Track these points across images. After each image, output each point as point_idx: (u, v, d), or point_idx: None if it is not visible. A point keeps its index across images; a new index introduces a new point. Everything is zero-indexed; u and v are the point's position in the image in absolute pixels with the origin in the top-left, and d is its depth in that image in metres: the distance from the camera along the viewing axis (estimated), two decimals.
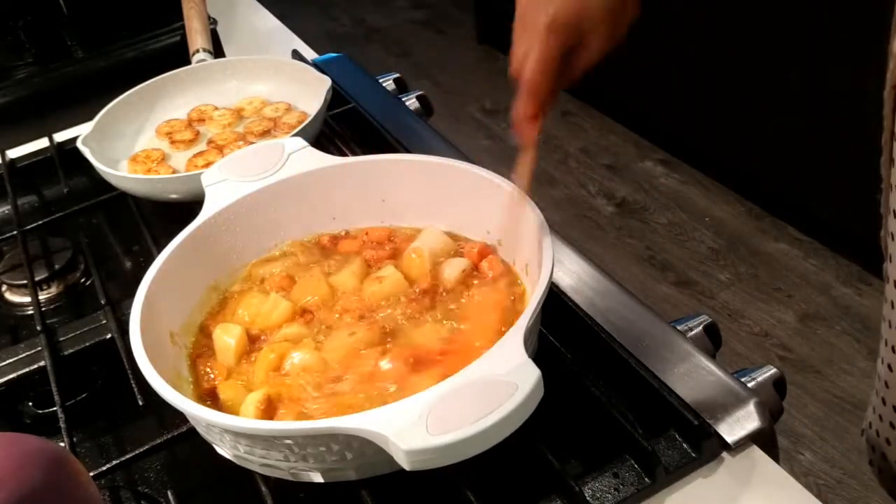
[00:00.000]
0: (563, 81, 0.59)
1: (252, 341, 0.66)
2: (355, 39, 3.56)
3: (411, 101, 1.10)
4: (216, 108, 1.05)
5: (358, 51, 3.35)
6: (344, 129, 1.01)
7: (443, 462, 0.47)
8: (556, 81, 0.58)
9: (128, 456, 0.63)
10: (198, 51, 1.10)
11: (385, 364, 0.60)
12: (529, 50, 0.57)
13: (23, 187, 1.05)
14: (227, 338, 0.65)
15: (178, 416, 0.60)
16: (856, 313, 2.00)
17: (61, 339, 0.75)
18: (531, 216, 0.64)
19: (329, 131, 1.00)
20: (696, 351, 0.67)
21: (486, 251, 0.70)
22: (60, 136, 1.09)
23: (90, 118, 0.98)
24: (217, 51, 1.18)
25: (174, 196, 0.88)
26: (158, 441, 0.63)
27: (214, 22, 1.18)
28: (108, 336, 0.75)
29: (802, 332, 1.98)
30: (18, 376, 0.73)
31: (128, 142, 1.02)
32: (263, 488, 0.59)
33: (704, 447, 0.59)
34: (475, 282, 0.68)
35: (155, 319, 0.62)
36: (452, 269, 0.68)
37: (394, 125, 0.98)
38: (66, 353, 0.74)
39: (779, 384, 0.67)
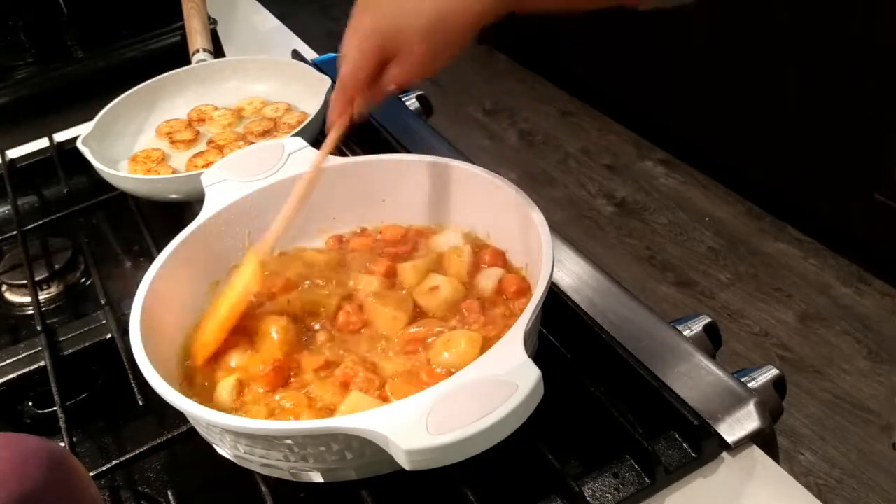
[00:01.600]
0: (377, 87, 0.63)
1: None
2: None
3: (411, 101, 1.10)
4: (216, 108, 1.05)
5: None
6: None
7: (443, 462, 0.47)
8: (368, 83, 0.63)
9: (128, 456, 0.63)
10: (198, 51, 1.10)
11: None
12: (349, 51, 0.62)
13: (23, 187, 1.05)
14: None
15: (178, 416, 0.60)
16: (856, 313, 2.00)
17: (61, 339, 0.75)
18: (531, 216, 0.64)
19: None
20: (696, 351, 0.67)
21: (499, 256, 0.70)
22: (60, 136, 1.09)
23: (90, 118, 0.98)
24: (217, 51, 1.18)
25: (174, 196, 0.88)
26: (158, 441, 0.63)
27: (214, 22, 1.18)
28: (108, 336, 0.75)
29: (802, 332, 1.97)
30: (18, 376, 0.73)
31: (128, 142, 1.02)
32: (263, 488, 0.59)
33: (704, 447, 0.59)
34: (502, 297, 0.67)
35: (155, 319, 0.62)
36: (489, 280, 0.67)
37: (394, 125, 0.98)
38: (66, 353, 0.74)
39: (779, 384, 0.67)
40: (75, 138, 0.94)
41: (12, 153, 1.09)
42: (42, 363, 0.73)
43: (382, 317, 0.65)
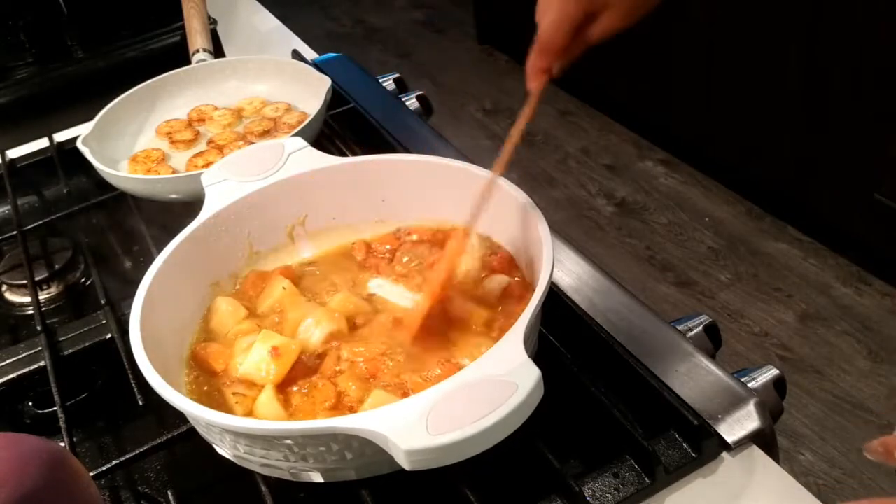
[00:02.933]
0: (577, 45, 0.60)
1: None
2: (355, 39, 3.56)
3: (411, 101, 1.10)
4: (216, 108, 1.05)
5: (358, 51, 3.35)
6: (344, 129, 1.01)
7: (443, 462, 0.47)
8: (570, 43, 0.60)
9: (128, 456, 0.63)
10: (198, 51, 1.10)
11: None
12: (549, 7, 0.59)
13: (23, 187, 1.05)
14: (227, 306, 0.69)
15: (178, 416, 0.60)
16: (856, 313, 1.99)
17: (61, 339, 0.75)
18: (531, 216, 0.64)
19: (329, 131, 1.00)
20: (696, 351, 0.67)
21: (507, 263, 0.69)
22: (60, 136, 1.09)
23: (90, 118, 0.98)
24: (217, 51, 1.18)
25: (174, 196, 0.88)
26: (158, 441, 0.63)
27: (214, 22, 1.18)
28: (108, 336, 0.75)
29: (802, 332, 1.97)
30: (18, 376, 0.73)
31: (128, 142, 1.02)
32: (263, 488, 0.59)
33: (704, 447, 0.59)
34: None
35: (155, 319, 0.62)
36: (495, 285, 0.67)
37: (394, 125, 0.99)
38: (66, 353, 0.74)
39: (779, 384, 0.67)
40: (75, 138, 0.94)
41: (12, 153, 1.09)
42: (42, 363, 0.73)
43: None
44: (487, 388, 0.48)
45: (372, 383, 0.60)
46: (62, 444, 0.64)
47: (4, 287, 0.90)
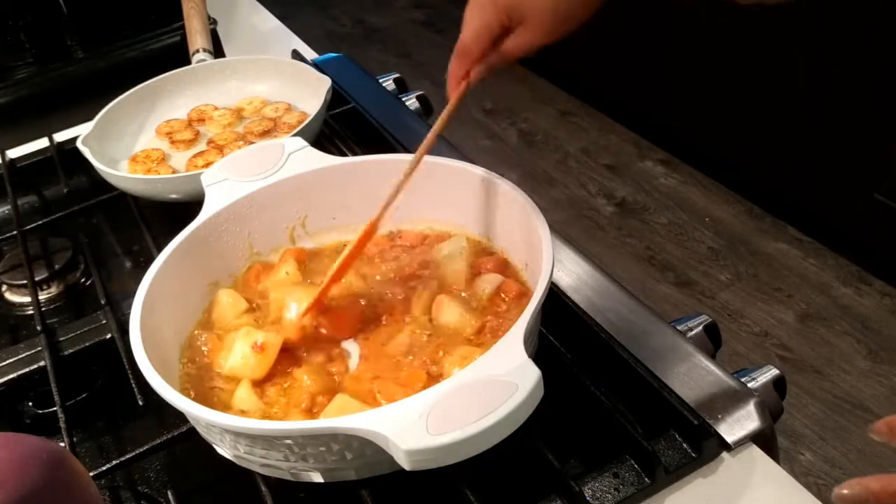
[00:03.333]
0: (495, 57, 0.62)
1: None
2: (355, 39, 3.56)
3: (411, 101, 1.10)
4: (216, 108, 1.05)
5: (358, 51, 3.35)
6: (344, 129, 1.01)
7: (443, 462, 0.47)
8: (487, 53, 0.62)
9: (128, 456, 0.63)
10: (198, 51, 1.10)
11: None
12: (473, 16, 0.61)
13: (23, 187, 1.05)
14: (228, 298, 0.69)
15: (178, 416, 0.60)
16: (856, 313, 1.99)
17: (61, 339, 0.75)
18: (531, 216, 0.64)
19: (329, 131, 1.00)
20: (696, 351, 0.67)
21: (501, 265, 0.69)
22: (60, 136, 1.09)
23: (90, 118, 0.98)
24: (217, 51, 1.18)
25: (174, 196, 0.88)
26: (158, 441, 0.63)
27: (214, 22, 1.18)
28: (108, 336, 0.75)
29: (802, 332, 1.97)
30: (18, 376, 0.73)
31: (128, 142, 1.02)
32: (263, 488, 0.59)
33: (704, 447, 0.59)
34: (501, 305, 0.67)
35: (155, 319, 0.62)
36: (487, 285, 0.67)
37: (394, 125, 0.98)
38: (66, 353, 0.74)
39: (779, 384, 0.67)
40: (75, 138, 0.94)
41: (12, 153, 1.09)
42: (42, 363, 0.73)
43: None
44: (487, 388, 0.48)
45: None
46: (62, 444, 0.64)
47: (4, 287, 0.90)
